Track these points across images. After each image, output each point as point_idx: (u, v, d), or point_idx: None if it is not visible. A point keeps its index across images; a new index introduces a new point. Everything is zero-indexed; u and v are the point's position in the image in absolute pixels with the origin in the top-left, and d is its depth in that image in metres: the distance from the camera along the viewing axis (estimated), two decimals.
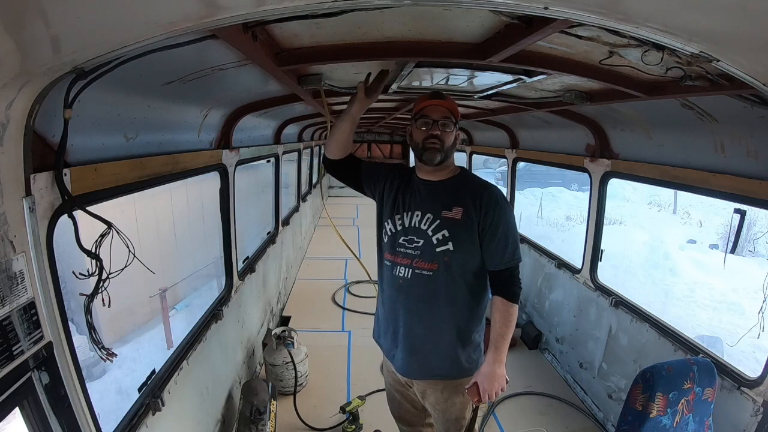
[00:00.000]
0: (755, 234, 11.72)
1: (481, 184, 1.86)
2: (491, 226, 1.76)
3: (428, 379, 1.91)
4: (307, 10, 1.21)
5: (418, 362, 1.88)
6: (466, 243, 1.77)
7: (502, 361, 1.75)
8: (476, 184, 1.86)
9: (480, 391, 1.74)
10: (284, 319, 4.85)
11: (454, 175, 1.89)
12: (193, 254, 7.67)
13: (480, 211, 1.76)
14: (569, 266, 3.80)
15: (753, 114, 1.78)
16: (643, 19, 0.95)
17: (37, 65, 0.96)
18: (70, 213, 1.29)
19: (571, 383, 3.57)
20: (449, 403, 1.91)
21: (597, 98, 2.48)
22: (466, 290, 1.81)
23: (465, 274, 1.80)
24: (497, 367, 1.74)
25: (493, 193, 1.81)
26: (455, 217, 1.77)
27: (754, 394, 1.91)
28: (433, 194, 1.85)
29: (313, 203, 8.79)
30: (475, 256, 1.80)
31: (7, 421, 1.04)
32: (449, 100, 1.83)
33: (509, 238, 1.79)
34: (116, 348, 1.95)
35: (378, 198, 1.97)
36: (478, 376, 1.76)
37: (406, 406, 2.13)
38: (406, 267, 1.83)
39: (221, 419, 2.73)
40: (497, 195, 1.81)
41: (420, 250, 1.80)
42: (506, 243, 1.78)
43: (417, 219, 1.82)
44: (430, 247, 1.78)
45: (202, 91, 2.13)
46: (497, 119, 4.47)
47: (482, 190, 1.81)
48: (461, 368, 1.85)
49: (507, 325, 1.76)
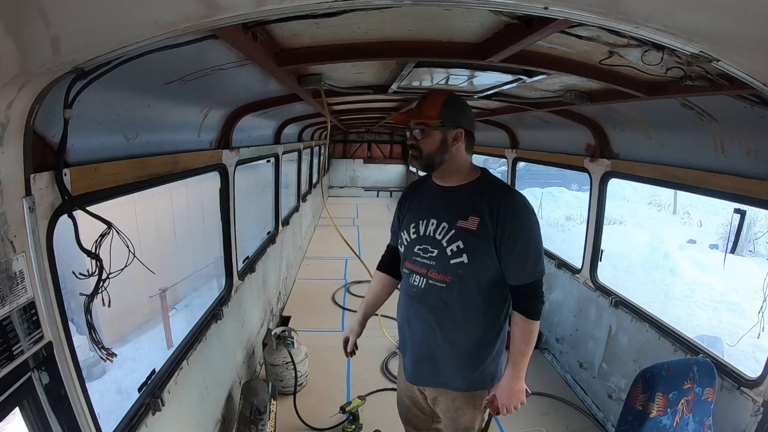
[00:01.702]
0: (755, 234, 11.74)
1: (500, 191, 1.72)
2: (509, 239, 1.64)
3: (438, 387, 1.88)
4: (307, 10, 1.21)
5: (425, 371, 1.86)
6: (481, 255, 1.67)
7: (520, 377, 1.71)
8: (495, 190, 1.72)
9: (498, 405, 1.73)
10: (284, 319, 4.85)
11: (473, 180, 1.76)
12: (193, 254, 7.68)
13: (497, 222, 1.64)
14: (569, 266, 3.80)
15: (753, 114, 1.78)
16: (643, 19, 0.95)
17: (37, 65, 0.96)
18: (70, 213, 1.29)
19: (571, 383, 3.57)
20: (459, 413, 1.88)
21: (597, 98, 2.48)
22: (482, 302, 1.73)
23: (480, 286, 1.71)
24: (515, 383, 1.71)
25: (512, 202, 1.67)
26: (471, 227, 1.67)
27: (754, 394, 1.91)
28: (449, 201, 1.76)
29: (313, 203, 8.79)
30: (491, 267, 1.69)
31: (7, 421, 1.04)
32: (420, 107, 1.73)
33: (530, 251, 1.67)
34: (116, 348, 1.95)
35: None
36: (497, 390, 1.74)
37: (414, 411, 2.11)
38: (421, 277, 1.78)
39: (221, 419, 2.73)
40: (516, 204, 1.68)
41: (435, 261, 1.73)
42: (526, 257, 1.66)
43: (432, 228, 1.75)
44: (445, 258, 1.71)
45: (202, 91, 2.12)
46: (497, 119, 4.47)
47: (500, 199, 1.67)
48: (473, 381, 1.79)
49: (526, 343, 1.69)
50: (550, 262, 4.07)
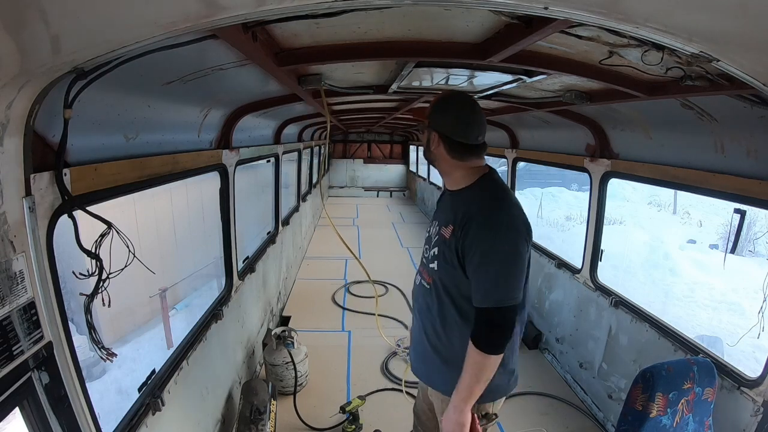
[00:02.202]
0: (755, 234, 11.73)
1: (482, 204, 1.58)
2: (470, 255, 1.53)
3: (428, 384, 1.88)
4: (307, 10, 1.21)
5: (419, 366, 1.88)
6: (448, 266, 1.61)
7: (462, 409, 1.56)
8: (479, 202, 1.59)
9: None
10: (284, 318, 4.85)
11: (469, 185, 1.67)
12: (193, 254, 7.68)
13: (462, 235, 1.55)
14: (569, 266, 3.80)
15: (753, 114, 1.78)
16: (643, 19, 0.95)
17: (37, 65, 0.96)
18: (70, 213, 1.29)
19: (571, 383, 3.57)
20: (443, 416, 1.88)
21: (597, 98, 2.48)
22: (456, 312, 1.65)
23: (452, 296, 1.64)
24: (457, 414, 1.56)
25: (486, 219, 1.53)
26: (446, 235, 1.63)
27: (754, 394, 1.91)
28: (446, 205, 1.76)
29: (313, 203, 8.79)
30: (459, 279, 1.60)
31: (7, 421, 1.04)
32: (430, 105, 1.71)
33: (489, 274, 1.51)
34: (116, 348, 1.95)
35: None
36: (444, 414, 1.63)
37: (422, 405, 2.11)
38: (418, 275, 1.85)
39: (221, 419, 2.73)
40: (488, 222, 1.53)
41: (426, 261, 1.78)
42: (484, 279, 1.52)
43: (432, 230, 1.80)
44: (428, 261, 1.75)
45: (202, 91, 2.13)
46: (497, 119, 4.47)
47: (477, 212, 1.55)
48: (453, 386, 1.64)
49: (473, 376, 1.51)
50: (550, 262, 4.07)
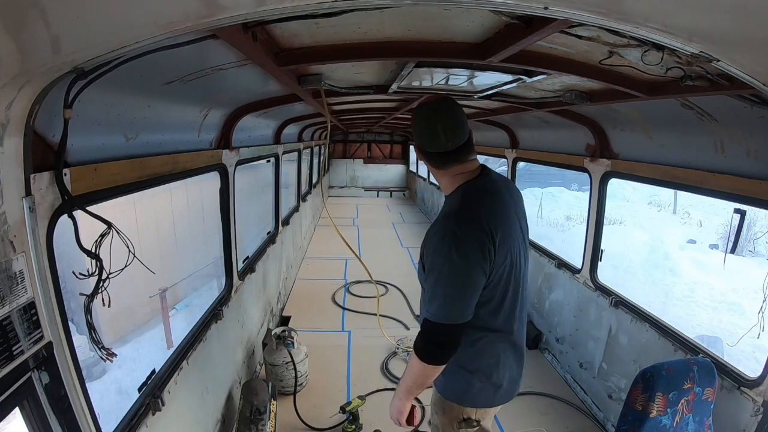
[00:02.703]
0: (755, 234, 11.73)
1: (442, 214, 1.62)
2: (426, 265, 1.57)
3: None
4: (307, 10, 1.21)
5: None
6: (420, 273, 1.65)
7: (400, 398, 1.70)
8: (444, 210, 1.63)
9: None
10: (284, 318, 4.85)
11: (450, 193, 1.66)
12: (193, 254, 7.67)
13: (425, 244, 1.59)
14: (569, 266, 3.80)
15: (753, 114, 1.78)
16: (643, 19, 0.95)
17: (37, 65, 0.96)
18: (70, 213, 1.29)
19: (571, 383, 3.57)
20: (435, 409, 1.88)
21: (597, 98, 2.48)
22: None
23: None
24: (395, 399, 1.72)
25: (437, 230, 1.54)
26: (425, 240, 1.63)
27: (754, 394, 1.91)
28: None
29: (313, 203, 8.79)
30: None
31: (7, 421, 1.04)
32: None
33: (428, 286, 1.55)
34: (116, 348, 1.95)
35: None
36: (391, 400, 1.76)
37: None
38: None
39: (221, 419, 2.73)
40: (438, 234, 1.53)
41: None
42: (429, 290, 1.55)
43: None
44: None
45: (202, 91, 2.13)
46: (497, 119, 4.47)
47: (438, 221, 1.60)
48: (443, 387, 1.77)
49: (411, 378, 1.63)
50: (550, 262, 4.07)
